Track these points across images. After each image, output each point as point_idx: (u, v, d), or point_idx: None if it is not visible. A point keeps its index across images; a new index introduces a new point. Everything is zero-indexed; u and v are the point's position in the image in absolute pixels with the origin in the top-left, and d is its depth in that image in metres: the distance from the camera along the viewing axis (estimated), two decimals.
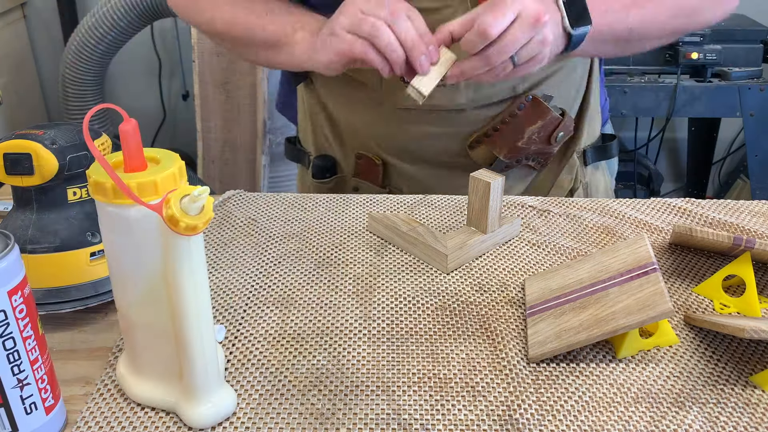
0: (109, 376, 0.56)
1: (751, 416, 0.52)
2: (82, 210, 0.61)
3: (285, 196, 0.88)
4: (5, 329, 0.45)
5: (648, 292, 0.56)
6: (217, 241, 0.77)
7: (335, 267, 0.72)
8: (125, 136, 0.46)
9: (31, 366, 0.47)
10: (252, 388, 0.55)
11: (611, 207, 0.84)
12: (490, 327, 0.62)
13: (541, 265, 0.72)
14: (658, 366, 0.57)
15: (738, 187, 2.35)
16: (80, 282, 0.61)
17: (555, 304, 0.62)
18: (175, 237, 0.44)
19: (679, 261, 0.73)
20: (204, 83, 1.98)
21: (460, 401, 0.53)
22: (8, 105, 2.24)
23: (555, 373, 0.57)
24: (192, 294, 0.46)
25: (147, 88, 2.51)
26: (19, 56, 2.35)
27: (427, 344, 0.60)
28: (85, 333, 0.62)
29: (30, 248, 0.59)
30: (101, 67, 2.21)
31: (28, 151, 0.57)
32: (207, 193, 0.43)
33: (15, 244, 0.45)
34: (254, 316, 0.64)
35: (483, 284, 0.69)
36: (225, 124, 2.02)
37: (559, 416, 0.52)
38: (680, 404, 0.53)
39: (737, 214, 0.83)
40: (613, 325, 0.55)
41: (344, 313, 0.64)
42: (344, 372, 0.56)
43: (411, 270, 0.71)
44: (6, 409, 0.46)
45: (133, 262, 0.47)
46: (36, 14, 2.42)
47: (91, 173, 0.46)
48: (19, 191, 0.60)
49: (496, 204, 0.72)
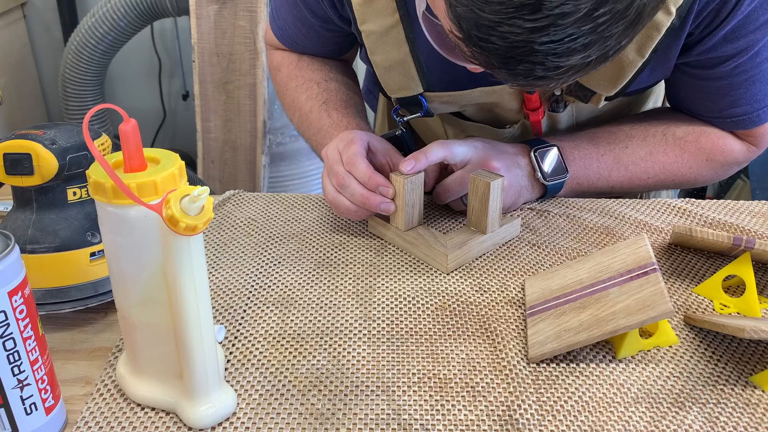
0: (109, 376, 0.56)
1: (751, 416, 0.52)
2: (82, 210, 0.61)
3: (285, 196, 0.88)
4: (5, 330, 0.45)
5: (648, 293, 0.56)
6: (217, 241, 0.77)
7: (335, 267, 0.72)
8: (125, 136, 0.46)
9: (31, 366, 0.47)
10: (252, 388, 0.55)
11: (611, 207, 0.84)
12: (490, 327, 0.62)
13: (541, 266, 0.72)
14: (658, 366, 0.57)
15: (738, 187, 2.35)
16: (80, 282, 0.61)
17: (555, 304, 0.62)
18: (175, 237, 0.44)
19: (679, 261, 0.73)
20: (204, 83, 1.98)
21: (460, 401, 0.53)
22: (8, 105, 2.24)
23: (555, 373, 0.57)
24: (192, 294, 0.46)
25: (147, 88, 2.51)
26: (19, 56, 2.35)
27: (427, 344, 0.60)
28: (85, 333, 0.62)
29: (30, 248, 0.59)
30: (101, 67, 2.21)
31: (28, 151, 0.57)
32: (207, 193, 0.43)
33: (15, 245, 0.45)
34: (254, 316, 0.64)
35: (483, 284, 0.69)
36: (225, 124, 2.02)
37: (559, 416, 0.52)
38: (680, 404, 0.53)
39: (737, 214, 0.82)
40: (613, 326, 0.55)
41: (344, 313, 0.64)
42: (344, 372, 0.56)
43: (411, 270, 0.71)
44: (6, 410, 0.46)
45: (133, 262, 0.47)
46: (36, 14, 2.42)
47: (91, 173, 0.46)
48: (19, 191, 0.60)
49: (496, 204, 0.72)
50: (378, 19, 0.77)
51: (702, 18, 0.70)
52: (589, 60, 0.49)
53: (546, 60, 0.48)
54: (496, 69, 0.51)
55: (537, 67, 0.49)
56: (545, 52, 0.47)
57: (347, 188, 0.73)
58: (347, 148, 0.74)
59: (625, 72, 0.74)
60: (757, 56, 0.73)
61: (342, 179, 0.73)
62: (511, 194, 0.79)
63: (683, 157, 0.82)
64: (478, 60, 0.51)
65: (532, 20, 0.45)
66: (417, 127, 1.06)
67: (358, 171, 0.72)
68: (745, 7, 0.68)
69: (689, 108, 0.84)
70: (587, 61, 0.49)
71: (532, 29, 0.45)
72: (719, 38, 0.71)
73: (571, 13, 0.44)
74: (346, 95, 0.91)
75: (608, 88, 0.77)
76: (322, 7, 0.82)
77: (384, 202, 0.72)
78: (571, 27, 0.45)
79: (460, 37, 0.50)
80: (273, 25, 0.95)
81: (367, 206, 0.72)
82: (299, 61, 0.95)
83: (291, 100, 0.94)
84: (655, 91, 0.95)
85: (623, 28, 0.47)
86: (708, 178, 0.85)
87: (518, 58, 0.48)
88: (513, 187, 0.78)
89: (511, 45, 0.47)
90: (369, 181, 0.72)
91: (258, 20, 1.89)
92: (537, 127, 0.87)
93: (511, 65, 0.49)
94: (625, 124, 0.85)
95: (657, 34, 0.70)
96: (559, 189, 0.83)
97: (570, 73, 0.50)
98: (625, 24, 0.47)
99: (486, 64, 0.51)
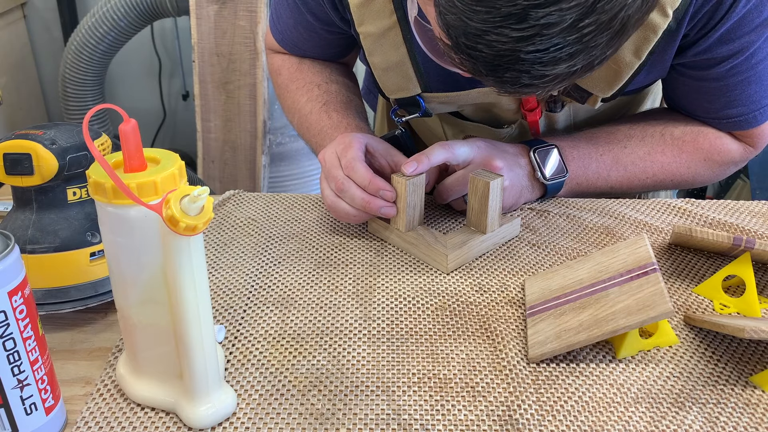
0: (109, 377, 0.56)
1: (751, 416, 0.52)
2: (82, 210, 0.61)
3: (285, 196, 0.88)
4: (5, 330, 0.45)
5: (648, 293, 0.56)
6: (217, 241, 0.77)
7: (335, 267, 0.72)
8: (125, 136, 0.46)
9: (31, 366, 0.47)
10: (252, 388, 0.55)
11: (611, 207, 0.84)
12: (490, 327, 0.62)
13: (541, 266, 0.72)
14: (658, 366, 0.57)
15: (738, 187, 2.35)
16: (80, 282, 0.61)
17: (555, 304, 0.62)
18: (175, 237, 0.44)
19: (679, 261, 0.73)
20: (204, 83, 1.98)
21: (460, 401, 0.53)
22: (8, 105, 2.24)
23: (555, 373, 0.57)
24: (192, 294, 0.46)
25: (147, 88, 2.51)
26: (19, 56, 2.35)
27: (427, 344, 0.60)
28: (85, 333, 0.62)
29: (30, 248, 0.59)
30: (101, 67, 2.21)
31: (27, 151, 0.57)
32: (207, 193, 0.43)
33: (15, 245, 0.45)
34: (254, 316, 0.64)
35: (483, 284, 0.69)
36: (225, 124, 2.02)
37: (559, 416, 0.52)
38: (680, 404, 0.53)
39: (737, 214, 0.82)
40: (613, 326, 0.55)
41: (344, 313, 0.64)
42: (344, 372, 0.56)
43: (411, 270, 0.71)
44: (6, 410, 0.46)
45: (133, 262, 0.47)
46: (36, 14, 2.42)
47: (91, 173, 0.46)
48: (19, 191, 0.60)
49: (496, 204, 0.72)
50: (375, 20, 0.77)
51: (697, 20, 0.70)
52: (575, 69, 0.50)
53: (532, 68, 0.49)
54: (484, 76, 0.52)
55: (523, 75, 0.49)
56: (531, 60, 0.48)
57: (347, 192, 0.72)
58: (345, 152, 0.74)
59: (621, 74, 0.74)
60: (753, 58, 0.73)
61: (341, 183, 0.72)
62: (513, 194, 0.79)
63: (681, 157, 0.83)
64: (466, 67, 0.52)
65: (518, 30, 0.46)
66: (416, 126, 1.06)
67: (357, 175, 0.72)
68: (740, 9, 0.68)
69: (686, 109, 0.84)
70: (572, 70, 0.50)
71: (518, 38, 0.46)
72: (714, 40, 0.71)
73: (556, 23, 0.45)
74: (347, 97, 0.91)
75: (605, 89, 0.77)
76: (323, 9, 0.82)
77: (385, 206, 0.72)
78: (556, 37, 0.46)
79: (449, 44, 0.51)
80: (273, 29, 0.95)
81: (368, 210, 0.72)
82: (300, 64, 0.95)
83: (291, 103, 0.94)
84: (653, 90, 0.95)
85: (608, 39, 0.48)
86: (706, 178, 0.85)
87: (505, 66, 0.49)
88: (514, 187, 0.78)
89: (497, 53, 0.48)
90: (369, 185, 0.72)
91: (258, 20, 1.89)
92: (534, 127, 0.87)
93: (498, 73, 0.50)
94: (624, 124, 0.85)
95: (654, 36, 0.70)
96: (559, 189, 0.83)
97: (556, 82, 0.51)
98: (610, 35, 0.47)
99: (474, 71, 0.52)
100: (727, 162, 0.84)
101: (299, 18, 0.87)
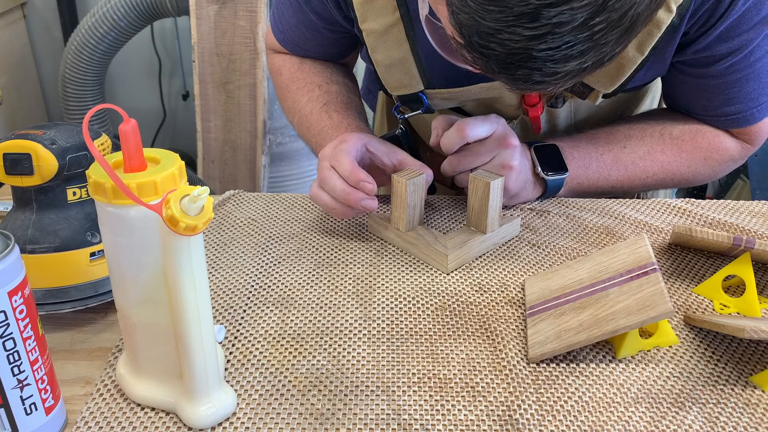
0: (109, 377, 0.56)
1: (751, 416, 0.52)
2: (82, 210, 0.61)
3: (285, 196, 0.88)
4: (5, 330, 0.45)
5: (648, 293, 0.56)
6: (217, 241, 0.77)
7: (335, 267, 0.72)
8: (125, 136, 0.46)
9: (31, 366, 0.47)
10: (252, 388, 0.55)
11: (611, 207, 0.84)
12: (490, 327, 0.62)
13: (541, 265, 0.72)
14: (658, 366, 0.57)
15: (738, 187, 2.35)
16: (80, 282, 0.61)
17: (555, 304, 0.62)
18: (175, 237, 0.44)
19: (679, 261, 0.73)
20: (204, 83, 1.98)
21: (460, 401, 0.53)
22: (8, 105, 2.24)
23: (555, 373, 0.57)
24: (192, 294, 0.46)
25: (147, 88, 2.51)
26: (19, 56, 2.35)
27: (427, 344, 0.60)
28: (85, 333, 0.62)
29: (30, 248, 0.59)
30: (101, 67, 2.21)
31: (27, 151, 0.57)
32: (207, 193, 0.43)
33: (15, 245, 0.45)
34: (254, 316, 0.64)
35: (483, 284, 0.69)
36: (225, 124, 2.02)
37: (559, 416, 0.52)
38: (680, 404, 0.53)
39: (737, 214, 0.82)
40: (613, 326, 0.55)
41: (344, 313, 0.64)
42: (344, 372, 0.56)
43: (411, 270, 0.71)
44: (6, 410, 0.46)
45: (133, 262, 0.47)
46: (36, 14, 2.42)
47: (91, 173, 0.46)
48: (19, 191, 0.60)
49: (496, 204, 0.72)
50: (378, 17, 0.77)
51: (697, 17, 0.71)
52: (585, 66, 0.50)
53: (544, 66, 0.49)
54: (496, 74, 0.52)
55: (535, 72, 0.50)
56: (543, 58, 0.48)
57: (327, 182, 0.72)
58: (337, 146, 0.74)
59: (624, 69, 0.75)
60: (751, 55, 0.73)
61: (323, 173, 0.72)
62: (520, 180, 0.79)
63: (681, 156, 0.83)
64: (478, 65, 0.53)
65: (531, 28, 0.46)
66: (416, 125, 1.06)
67: (340, 165, 0.72)
68: (739, 7, 0.69)
69: (685, 106, 0.85)
70: (583, 67, 0.50)
71: (530, 37, 0.47)
72: (714, 37, 0.72)
73: (568, 22, 0.46)
74: (347, 97, 0.91)
75: (607, 85, 0.77)
76: (327, 7, 0.82)
77: (365, 199, 0.71)
78: (568, 35, 0.47)
79: (462, 43, 0.51)
80: (275, 29, 0.95)
81: (348, 202, 0.71)
82: (301, 65, 0.95)
83: (292, 103, 0.94)
84: (652, 89, 0.95)
85: (618, 36, 0.48)
86: (705, 176, 0.85)
87: (517, 64, 0.50)
88: (522, 173, 0.79)
89: (510, 51, 0.49)
90: (350, 176, 0.71)
91: (258, 20, 1.89)
92: (536, 122, 0.87)
93: (510, 71, 0.51)
94: (623, 124, 0.86)
95: (657, 31, 0.70)
96: (559, 188, 0.83)
97: (567, 78, 0.52)
98: (620, 32, 0.48)
99: (486, 69, 0.52)
100: (726, 160, 0.84)
101: (302, 17, 0.87)
